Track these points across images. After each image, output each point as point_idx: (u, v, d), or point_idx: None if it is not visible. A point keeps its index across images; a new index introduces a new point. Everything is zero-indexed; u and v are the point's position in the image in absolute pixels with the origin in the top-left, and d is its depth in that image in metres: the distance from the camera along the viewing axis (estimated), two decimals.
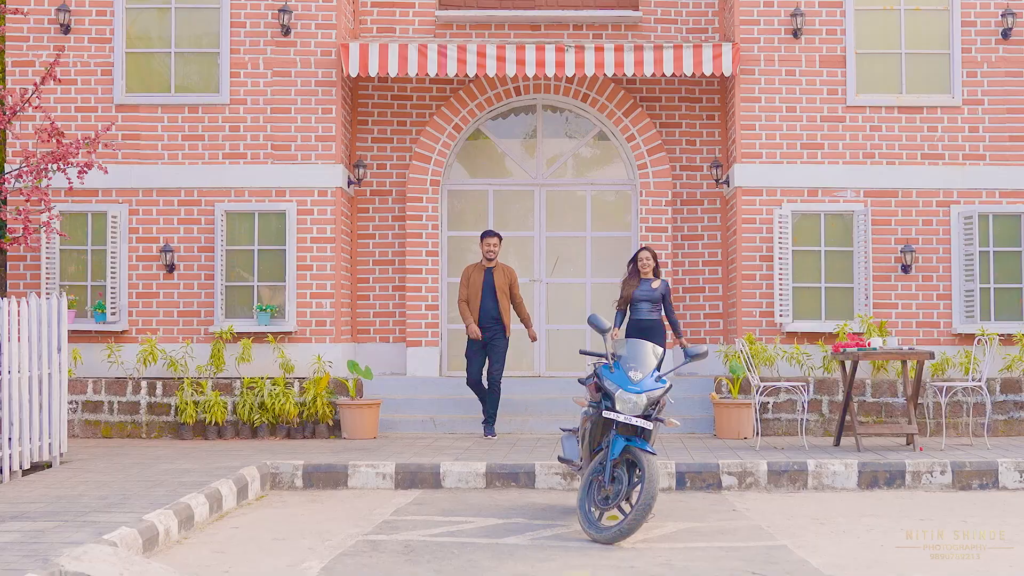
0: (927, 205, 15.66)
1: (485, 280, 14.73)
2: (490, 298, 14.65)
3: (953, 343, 15.46)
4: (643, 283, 14.06)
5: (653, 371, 9.47)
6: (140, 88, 15.90)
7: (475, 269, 14.88)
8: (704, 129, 16.85)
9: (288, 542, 9.01)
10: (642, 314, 13.98)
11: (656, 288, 14.06)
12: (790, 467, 11.90)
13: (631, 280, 14.15)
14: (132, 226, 15.71)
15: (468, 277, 14.84)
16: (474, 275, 14.79)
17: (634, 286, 14.06)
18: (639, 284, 14.06)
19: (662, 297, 14.07)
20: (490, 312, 14.64)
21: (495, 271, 14.79)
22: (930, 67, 15.81)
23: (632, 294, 14.02)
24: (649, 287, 14.05)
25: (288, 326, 15.49)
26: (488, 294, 14.66)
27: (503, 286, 14.70)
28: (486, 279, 14.74)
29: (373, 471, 11.96)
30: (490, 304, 14.64)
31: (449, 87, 16.82)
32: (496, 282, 14.70)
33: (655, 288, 14.06)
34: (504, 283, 14.74)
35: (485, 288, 14.69)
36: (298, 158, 15.70)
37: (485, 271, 14.80)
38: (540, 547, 8.76)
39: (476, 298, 14.66)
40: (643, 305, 14.00)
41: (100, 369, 15.44)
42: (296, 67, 15.78)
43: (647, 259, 14.09)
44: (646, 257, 14.11)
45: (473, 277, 14.78)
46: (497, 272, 14.79)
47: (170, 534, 8.95)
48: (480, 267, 14.86)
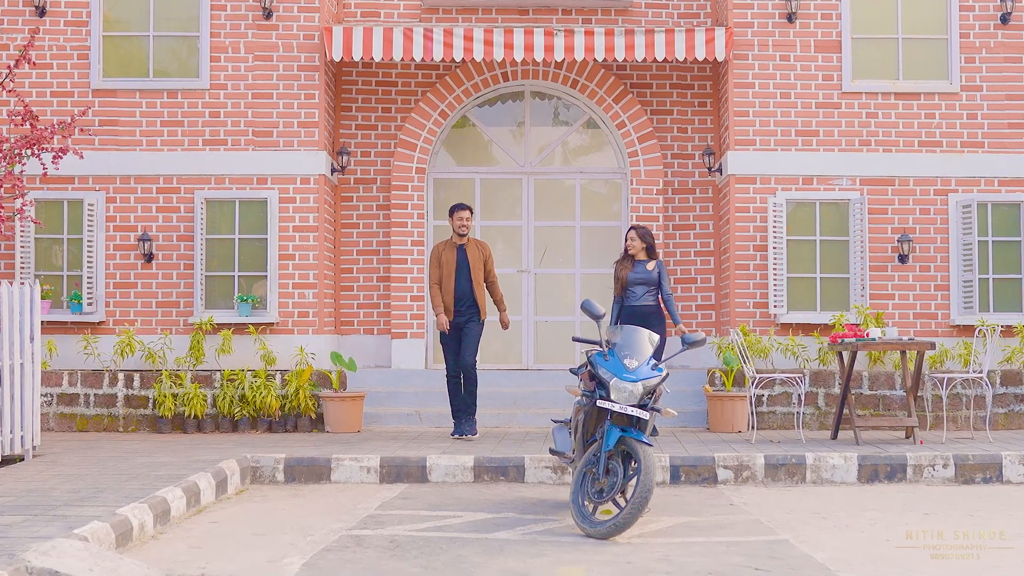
0: (924, 194, 15.37)
1: (458, 258, 13.51)
2: (465, 278, 13.43)
3: (951, 335, 15.17)
4: (637, 265, 13.26)
5: (649, 359, 9.14)
6: (118, 72, 15.55)
7: (446, 247, 13.59)
8: (696, 116, 16.52)
9: (268, 537, 8.66)
10: (637, 299, 13.14)
11: (651, 270, 13.22)
12: (788, 460, 11.55)
13: (623, 262, 13.35)
14: (109, 214, 15.36)
15: (439, 257, 13.56)
16: (446, 254, 13.53)
17: (627, 268, 13.24)
18: (632, 266, 13.26)
19: (658, 279, 13.23)
20: (466, 294, 13.43)
21: (468, 248, 13.57)
22: (927, 52, 15.54)
23: (626, 277, 13.19)
24: (644, 269, 13.23)
25: (270, 317, 15.14)
26: (462, 274, 13.45)
27: (477, 263, 13.49)
28: (459, 257, 13.52)
29: (357, 465, 11.60)
30: (465, 285, 13.43)
31: (435, 73, 16.46)
32: (471, 260, 13.49)
33: (650, 270, 13.22)
34: (479, 260, 13.52)
35: (459, 267, 13.46)
36: (280, 145, 15.34)
37: (457, 248, 13.56)
38: (531, 542, 8.43)
39: (450, 279, 13.43)
40: (637, 290, 13.17)
41: (76, 361, 15.07)
42: (278, 51, 15.42)
43: (633, 238, 13.29)
44: (631, 236, 13.32)
45: (445, 256, 13.52)
46: (471, 248, 13.57)
47: (145, 529, 8.59)
48: (451, 244, 13.59)
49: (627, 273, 13.19)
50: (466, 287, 13.41)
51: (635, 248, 13.24)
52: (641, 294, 13.14)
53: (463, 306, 13.44)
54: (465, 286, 13.42)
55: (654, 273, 13.19)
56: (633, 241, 13.26)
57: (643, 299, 13.14)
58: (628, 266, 13.26)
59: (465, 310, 13.43)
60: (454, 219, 13.57)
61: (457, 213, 13.54)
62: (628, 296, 13.17)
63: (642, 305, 13.12)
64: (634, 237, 13.28)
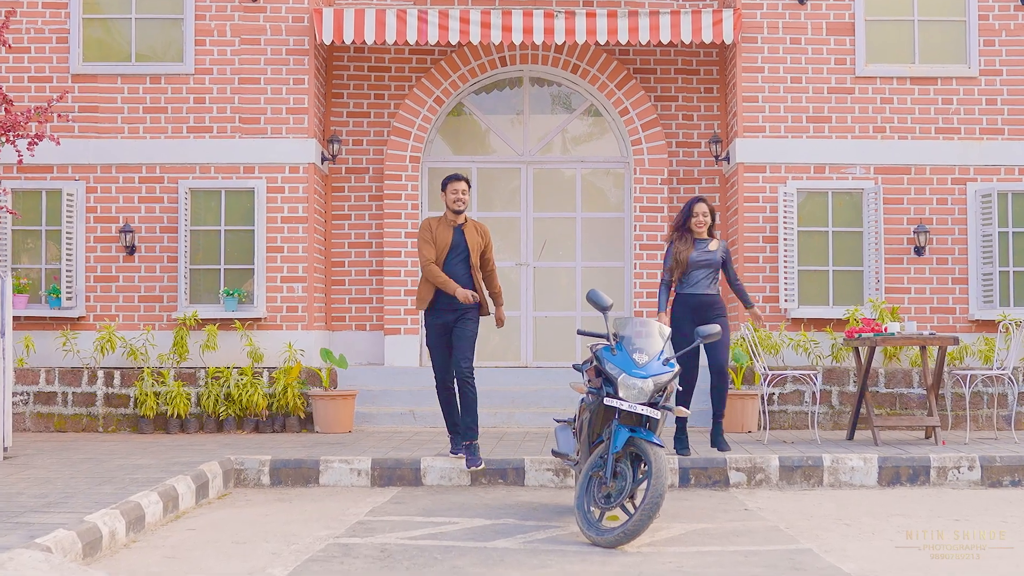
0: (942, 183, 14.80)
1: (454, 240, 11.05)
2: (461, 264, 11.02)
3: (970, 330, 14.59)
4: (698, 244, 11.27)
5: (660, 353, 8.56)
6: (98, 57, 14.97)
7: (440, 224, 11.13)
8: (702, 103, 15.92)
9: (249, 546, 8.11)
10: (699, 287, 11.19)
11: (714, 251, 11.28)
12: (803, 462, 10.94)
13: (682, 243, 11.27)
14: (89, 205, 14.79)
15: (432, 232, 11.06)
16: (439, 232, 11.05)
17: (689, 248, 11.21)
18: (694, 245, 11.26)
19: (723, 263, 11.35)
20: (461, 282, 10.99)
21: (466, 229, 11.13)
22: (945, 35, 14.98)
23: (688, 259, 11.18)
24: (706, 249, 11.27)
25: (257, 312, 14.55)
26: (458, 258, 11.03)
27: (476, 247, 11.10)
28: (456, 238, 11.05)
29: (347, 467, 11.02)
30: (462, 271, 11.01)
31: (430, 58, 15.85)
32: (470, 242, 11.06)
33: (713, 251, 11.28)
34: (477, 244, 11.11)
35: (454, 250, 11.04)
36: (268, 132, 14.75)
37: (454, 229, 11.10)
38: (533, 551, 7.86)
39: (440, 264, 11.03)
40: (697, 274, 11.18)
41: (54, 358, 14.49)
42: (266, 34, 14.82)
43: (704, 213, 11.27)
44: (703, 211, 11.27)
45: (439, 235, 11.04)
46: (469, 230, 11.13)
47: (116, 537, 8.02)
48: (447, 222, 11.12)
49: (690, 253, 11.20)
50: (462, 274, 11.01)
51: (702, 225, 11.28)
52: (700, 279, 11.21)
53: (456, 302, 11.01)
54: (461, 273, 11.01)
55: (718, 255, 11.28)
56: (704, 216, 11.27)
57: (703, 286, 11.23)
58: (689, 245, 11.25)
59: (459, 304, 10.96)
60: (448, 193, 11.10)
61: (451, 185, 11.09)
62: (684, 282, 11.21)
63: (703, 294, 11.22)
64: (705, 212, 11.29)
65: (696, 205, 11.29)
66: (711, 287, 11.21)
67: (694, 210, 11.26)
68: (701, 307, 11.12)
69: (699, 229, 11.25)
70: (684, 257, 11.15)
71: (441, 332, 11.10)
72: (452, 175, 11.19)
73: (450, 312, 11.00)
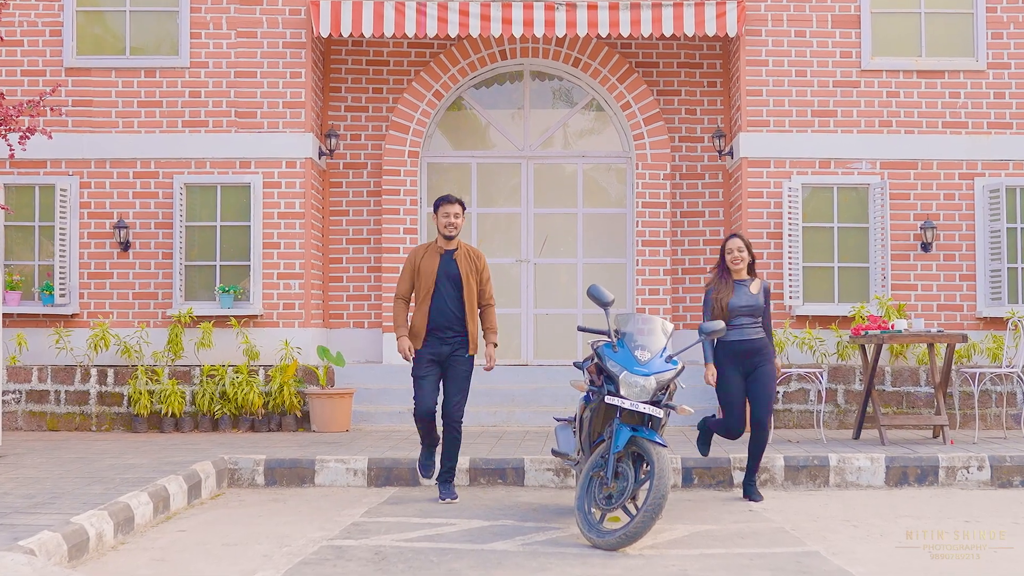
0: (949, 178, 14.57)
1: (442, 268, 9.85)
2: (452, 296, 9.83)
3: (977, 327, 14.37)
4: (738, 287, 9.94)
5: (663, 350, 8.36)
6: (92, 50, 14.79)
7: (427, 253, 9.95)
8: (705, 97, 15.69)
9: (240, 548, 7.89)
10: (743, 332, 9.83)
11: (756, 293, 9.94)
12: (809, 462, 10.72)
13: (723, 286, 9.97)
14: (83, 200, 14.59)
15: (415, 264, 9.92)
16: (425, 261, 9.88)
17: (729, 292, 9.89)
18: (733, 289, 9.93)
19: (764, 306, 10.00)
20: (451, 316, 9.80)
21: (458, 256, 9.93)
22: (952, 28, 14.75)
23: (728, 305, 9.85)
24: (747, 292, 9.93)
25: (253, 309, 14.33)
26: (448, 289, 9.83)
27: (469, 277, 9.90)
28: (444, 266, 9.85)
29: (343, 467, 10.80)
30: (451, 304, 9.81)
31: (429, 51, 15.62)
32: (463, 271, 9.86)
33: (755, 294, 9.94)
34: (471, 273, 9.91)
35: (442, 280, 9.84)
36: (264, 126, 14.53)
37: (443, 256, 9.90)
38: (532, 554, 7.65)
39: (428, 295, 9.81)
40: (743, 320, 9.83)
41: (47, 356, 14.27)
42: (262, 27, 14.62)
43: (739, 249, 9.95)
44: (737, 246, 9.96)
45: (424, 264, 9.87)
46: (461, 258, 9.93)
47: (103, 539, 7.82)
48: (435, 249, 9.95)
49: (730, 298, 9.88)
50: (452, 307, 9.81)
51: (738, 262, 9.95)
52: (747, 325, 9.85)
53: (448, 332, 9.81)
54: (451, 305, 9.82)
55: (759, 298, 9.95)
56: (740, 252, 9.94)
57: (748, 332, 9.86)
58: (729, 288, 9.93)
59: (451, 338, 9.82)
60: (439, 215, 9.90)
61: (443, 208, 9.90)
62: (731, 329, 9.81)
63: (749, 340, 9.84)
64: (740, 247, 9.95)
65: (729, 242, 10.02)
66: (756, 331, 9.90)
67: (727, 247, 9.99)
68: (746, 354, 9.83)
69: (736, 267, 9.92)
70: (724, 303, 9.85)
71: (431, 364, 9.81)
72: (444, 196, 9.99)
73: (445, 344, 9.80)
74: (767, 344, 9.92)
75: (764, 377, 9.79)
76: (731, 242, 9.98)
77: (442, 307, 9.80)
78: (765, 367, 9.83)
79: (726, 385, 9.81)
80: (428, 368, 9.80)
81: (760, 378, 9.78)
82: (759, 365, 9.81)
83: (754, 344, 9.82)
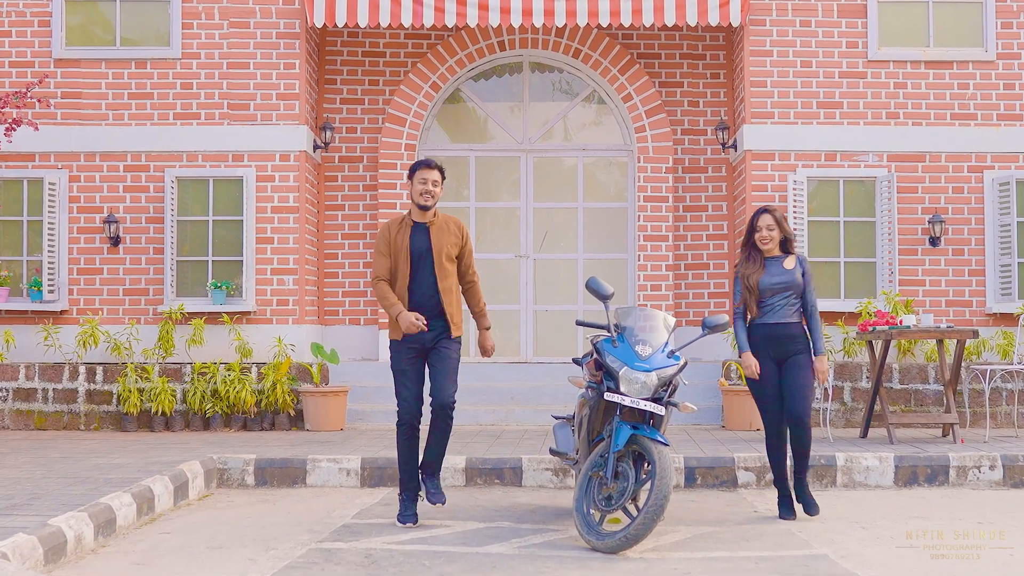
0: (958, 170, 14.30)
1: (414, 242, 8.55)
2: (426, 272, 8.54)
3: (987, 324, 14.09)
4: (770, 264, 8.80)
5: (664, 345, 8.04)
6: (82, 41, 14.52)
7: (400, 227, 8.64)
8: (708, 89, 15.39)
9: (225, 551, 7.61)
10: (776, 314, 8.73)
11: (791, 269, 8.79)
12: (815, 462, 10.40)
13: (750, 264, 8.84)
14: (73, 194, 14.33)
15: (388, 238, 8.60)
16: (398, 236, 8.58)
17: (759, 270, 8.78)
18: (764, 266, 8.81)
19: (803, 283, 8.84)
20: (427, 296, 8.54)
21: (433, 228, 8.60)
22: (960, 17, 14.47)
23: (759, 284, 8.78)
24: (781, 268, 8.79)
25: (246, 306, 14.06)
26: (422, 266, 8.54)
27: (446, 251, 8.59)
28: (416, 240, 8.55)
29: (336, 466, 10.50)
30: (427, 282, 8.53)
31: (426, 42, 15.33)
32: (435, 245, 8.55)
33: (789, 269, 8.79)
34: (449, 246, 8.61)
35: (417, 257, 8.53)
36: (257, 118, 14.26)
37: (413, 228, 8.59)
38: (529, 557, 7.36)
39: (405, 276, 8.51)
40: (776, 300, 8.74)
41: (36, 353, 14.02)
42: (255, 17, 14.35)
43: (770, 227, 8.79)
44: (766, 223, 8.80)
45: (397, 239, 8.57)
46: (436, 230, 8.61)
47: (83, 542, 7.53)
48: (407, 222, 8.64)
49: (759, 276, 8.77)
50: (429, 285, 8.55)
51: (768, 241, 8.82)
52: (781, 307, 8.74)
53: (430, 317, 8.58)
54: (427, 284, 8.55)
55: (796, 274, 8.78)
56: (770, 231, 8.79)
57: (783, 314, 8.74)
58: (759, 266, 8.81)
59: (437, 322, 8.60)
60: (415, 182, 8.61)
61: (420, 172, 8.60)
62: (764, 311, 8.79)
63: (784, 323, 8.73)
64: (771, 225, 8.79)
65: (759, 218, 8.81)
66: (791, 315, 8.74)
67: (756, 223, 8.81)
68: (778, 340, 8.72)
69: (765, 246, 8.77)
70: (754, 282, 8.75)
71: (413, 357, 8.56)
72: (422, 160, 8.70)
73: (425, 332, 8.56)
74: (803, 331, 8.77)
75: (797, 367, 8.62)
76: (761, 218, 8.78)
77: (419, 288, 8.52)
78: (801, 356, 8.67)
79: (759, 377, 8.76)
80: (410, 364, 8.54)
81: (793, 368, 8.62)
82: (794, 353, 8.67)
83: (791, 329, 8.70)
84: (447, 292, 8.55)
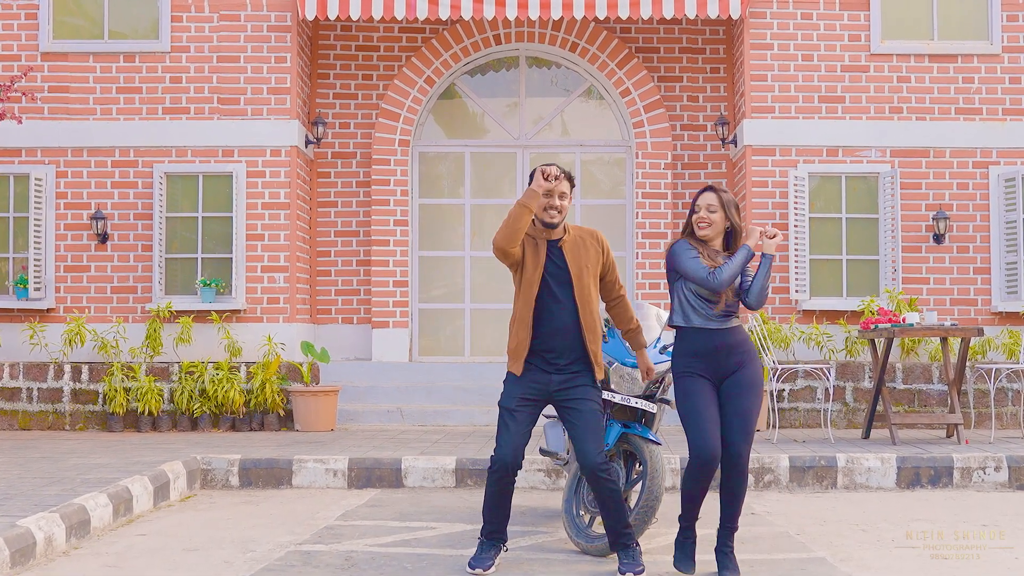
0: (962, 166, 14.07)
1: (550, 262, 6.90)
2: (564, 301, 6.87)
3: (992, 322, 13.83)
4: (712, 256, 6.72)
5: (657, 340, 7.78)
6: (69, 34, 14.30)
7: (529, 245, 6.91)
8: (708, 84, 15.12)
9: (201, 553, 7.36)
10: (708, 318, 6.64)
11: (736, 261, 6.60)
12: (816, 463, 10.14)
13: (689, 251, 6.67)
14: (60, 190, 14.09)
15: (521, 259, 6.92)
16: (529, 256, 6.88)
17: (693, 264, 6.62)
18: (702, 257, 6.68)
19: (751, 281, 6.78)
20: (562, 329, 6.87)
21: (567, 247, 6.92)
22: (965, 10, 14.25)
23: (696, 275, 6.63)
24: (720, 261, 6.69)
25: (236, 304, 13.82)
26: (556, 290, 6.88)
27: (587, 271, 6.93)
28: (552, 260, 6.91)
29: (322, 467, 10.23)
30: (563, 312, 6.86)
31: (420, 36, 15.07)
32: (572, 267, 6.88)
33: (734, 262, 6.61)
34: (591, 264, 6.97)
35: (549, 279, 6.88)
36: (248, 113, 14.01)
37: (547, 246, 6.94)
38: (515, 560, 7.12)
39: (530, 301, 6.87)
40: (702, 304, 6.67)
41: (21, 352, 13.78)
42: (246, 10, 14.12)
43: (711, 207, 6.68)
44: (709, 203, 6.69)
45: (527, 259, 6.88)
46: (571, 247, 6.94)
47: (53, 544, 7.29)
48: (536, 239, 6.94)
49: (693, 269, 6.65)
50: (565, 316, 6.87)
51: (709, 226, 6.73)
52: (713, 309, 6.65)
53: (561, 357, 6.89)
54: (563, 314, 6.87)
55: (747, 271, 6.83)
56: (710, 212, 6.71)
57: (716, 318, 6.65)
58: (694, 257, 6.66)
59: (565, 364, 6.90)
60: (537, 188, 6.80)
61: (541, 171, 6.79)
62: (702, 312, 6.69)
63: (727, 329, 6.69)
64: (711, 205, 6.70)
65: (702, 196, 6.77)
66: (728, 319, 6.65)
67: (697, 203, 6.76)
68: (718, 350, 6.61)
69: (702, 231, 6.71)
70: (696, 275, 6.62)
71: (530, 401, 6.92)
72: (549, 165, 6.84)
73: (553, 369, 6.91)
74: (746, 337, 6.77)
75: (742, 385, 6.64)
76: (703, 196, 6.76)
77: (550, 318, 6.88)
78: (746, 370, 6.66)
79: (689, 396, 6.65)
80: (524, 403, 6.87)
81: (736, 387, 6.64)
82: (738, 367, 6.67)
83: (728, 338, 6.68)
84: (591, 328, 6.90)
